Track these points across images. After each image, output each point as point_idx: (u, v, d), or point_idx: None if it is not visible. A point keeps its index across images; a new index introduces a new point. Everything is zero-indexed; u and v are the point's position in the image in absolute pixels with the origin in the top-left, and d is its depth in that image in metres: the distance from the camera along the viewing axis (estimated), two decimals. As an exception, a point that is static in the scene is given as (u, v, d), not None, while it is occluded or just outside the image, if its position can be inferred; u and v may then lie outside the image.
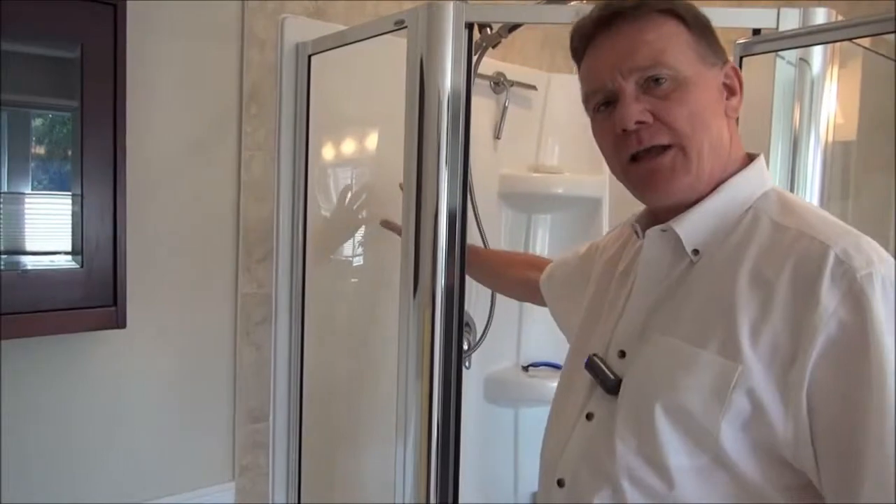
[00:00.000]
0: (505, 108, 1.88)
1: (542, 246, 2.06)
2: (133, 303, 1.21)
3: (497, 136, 1.89)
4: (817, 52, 1.12)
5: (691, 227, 0.79)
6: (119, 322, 1.20)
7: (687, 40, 0.78)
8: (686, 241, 0.80)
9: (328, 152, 1.55)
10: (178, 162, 1.38)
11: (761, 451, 0.71)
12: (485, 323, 1.81)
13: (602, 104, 0.82)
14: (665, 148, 0.77)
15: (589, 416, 0.84)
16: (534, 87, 1.96)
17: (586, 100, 0.86)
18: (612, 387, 0.81)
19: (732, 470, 0.72)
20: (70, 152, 1.19)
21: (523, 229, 2.04)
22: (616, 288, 0.92)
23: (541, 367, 1.99)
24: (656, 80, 0.77)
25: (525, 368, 1.98)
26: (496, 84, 1.87)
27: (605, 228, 1.99)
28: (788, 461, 0.70)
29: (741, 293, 0.73)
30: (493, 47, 1.71)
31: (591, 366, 0.85)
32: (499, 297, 1.87)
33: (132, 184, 1.20)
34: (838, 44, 1.13)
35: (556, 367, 1.99)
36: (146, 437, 1.37)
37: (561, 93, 2.02)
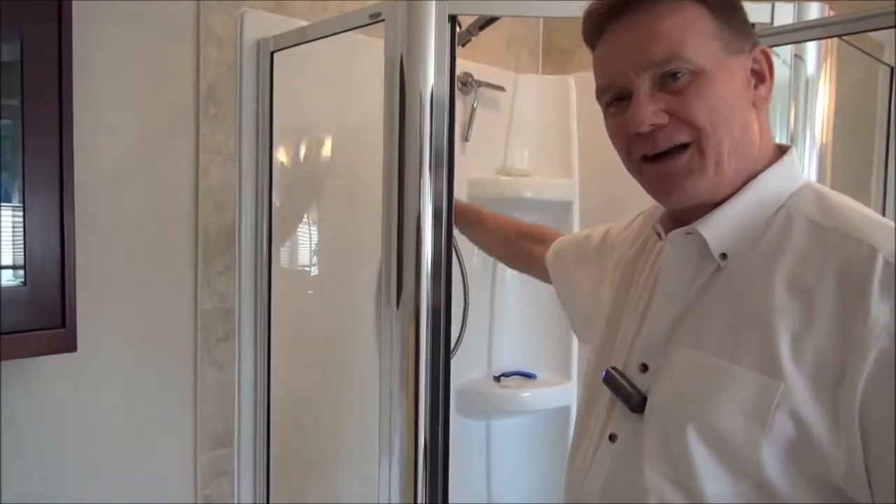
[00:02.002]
0: (473, 110, 1.82)
1: (512, 251, 2.00)
2: (84, 324, 1.10)
3: (465, 139, 1.82)
4: (811, 50, 1.09)
5: (718, 229, 0.73)
6: (68, 345, 1.08)
7: (708, 27, 0.71)
8: (713, 245, 0.74)
9: (294, 156, 1.46)
10: (130, 168, 1.28)
11: (807, 476, 0.65)
12: (458, 332, 1.74)
13: (615, 99, 0.76)
14: (682, 147, 0.71)
15: (612, 438, 0.77)
16: (502, 88, 1.90)
17: (598, 95, 0.79)
18: (636, 405, 0.75)
19: (774, 497, 0.66)
20: (9, 160, 1.07)
21: (493, 234, 1.98)
22: (635, 294, 0.85)
23: (512, 377, 1.93)
24: (673, 75, 0.70)
25: (497, 378, 1.92)
26: (464, 84, 1.80)
27: (577, 231, 1.95)
28: (838, 487, 0.65)
29: (778, 302, 0.67)
30: (463, 45, 1.64)
31: (610, 381, 0.78)
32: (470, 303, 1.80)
33: (80, 193, 1.09)
34: (831, 42, 1.10)
35: (528, 376, 1.94)
36: (98, 468, 1.26)
37: (529, 94, 1.97)
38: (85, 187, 1.14)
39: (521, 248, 1.30)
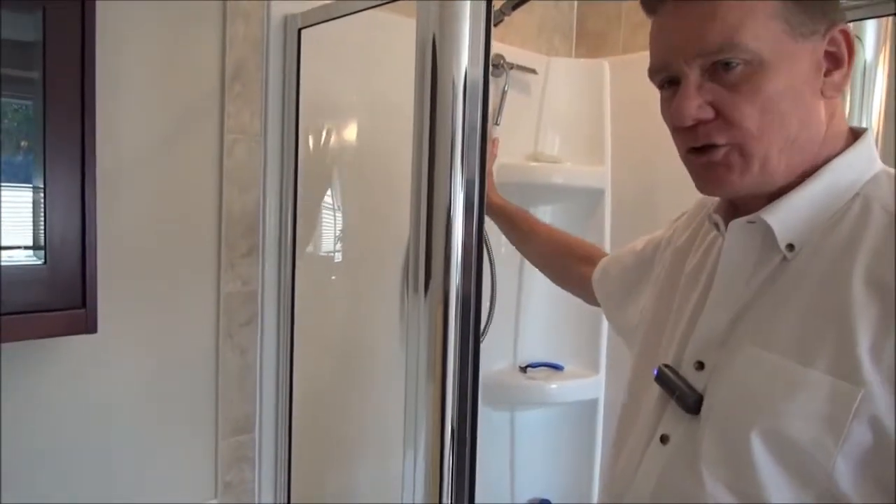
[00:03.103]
0: (504, 93, 1.76)
1: (540, 240, 1.95)
2: (104, 304, 1.07)
3: (496, 123, 1.77)
4: (870, 33, 1.02)
5: (786, 217, 0.68)
6: (89, 326, 1.05)
7: (775, 5, 0.64)
8: (779, 235, 0.68)
9: (320, 137, 1.42)
10: (153, 147, 1.24)
11: (883, 486, 0.60)
12: (485, 321, 1.70)
13: (666, 82, 0.72)
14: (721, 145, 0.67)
15: (664, 439, 0.73)
16: (534, 72, 1.84)
17: (650, 73, 0.75)
18: (692, 405, 0.70)
19: None
20: (30, 138, 1.04)
21: (521, 222, 1.93)
22: (685, 287, 0.80)
23: (539, 368, 1.89)
24: (727, 65, 0.65)
25: (523, 369, 1.88)
26: (495, 66, 1.75)
27: (608, 221, 1.89)
28: None
29: (856, 300, 0.61)
30: (495, 25, 1.59)
31: (662, 379, 0.73)
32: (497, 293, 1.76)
33: (102, 172, 1.06)
34: (888, 26, 1.03)
35: (555, 367, 1.89)
36: (118, 455, 1.23)
37: (561, 78, 1.91)
38: (107, 166, 1.11)
39: (570, 266, 1.22)
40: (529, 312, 1.91)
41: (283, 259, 1.35)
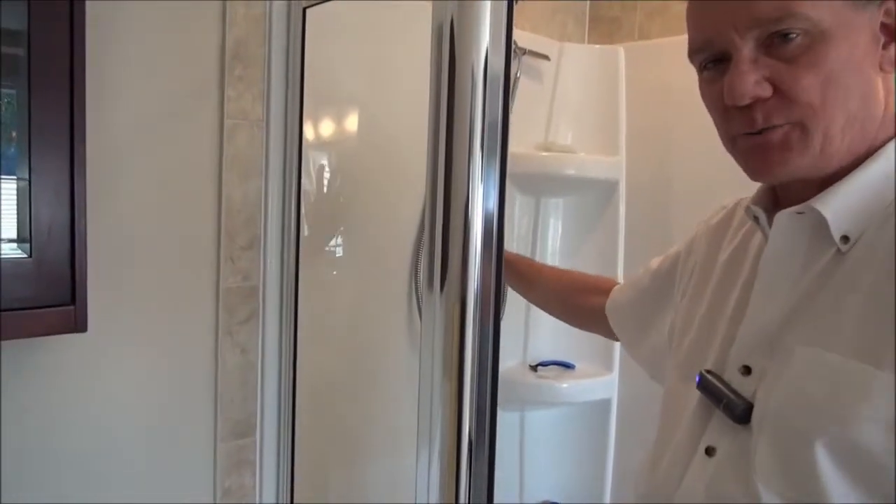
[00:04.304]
0: (516, 79, 1.69)
1: (552, 233, 1.88)
2: (95, 301, 1.00)
3: (507, 111, 1.70)
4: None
5: (840, 207, 0.62)
6: (78, 325, 0.98)
7: None
8: (834, 226, 0.62)
9: (326, 122, 1.35)
10: (148, 132, 1.16)
11: None
12: (494, 319, 1.63)
13: (711, 61, 0.65)
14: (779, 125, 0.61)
15: (710, 451, 0.66)
16: (546, 58, 1.77)
17: (690, 53, 0.67)
18: (740, 414, 0.64)
19: None
20: (14, 123, 0.97)
21: (532, 214, 1.86)
22: (721, 287, 0.74)
23: (550, 367, 1.82)
24: (784, 36, 0.59)
25: (533, 368, 1.81)
26: (507, 52, 1.67)
27: (622, 214, 1.83)
28: None
29: None
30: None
31: (705, 385, 0.67)
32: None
33: (93, 158, 0.98)
34: None
35: (567, 366, 1.83)
36: (110, 460, 1.16)
37: (574, 64, 1.84)
38: (97, 152, 1.03)
39: (582, 301, 1.13)
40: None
41: (287, 252, 1.28)
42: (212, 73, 1.22)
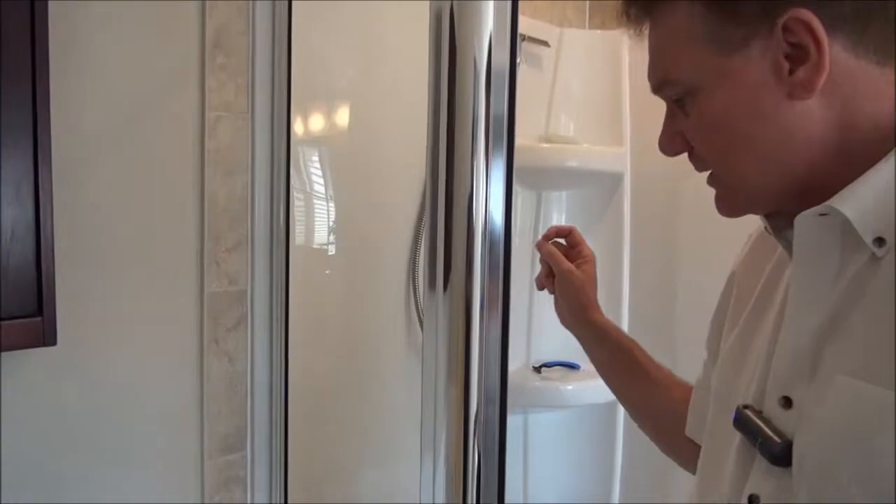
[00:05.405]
0: (517, 66, 1.61)
1: (555, 228, 1.82)
2: (65, 311, 0.92)
3: (506, 100, 1.62)
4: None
5: (865, 204, 0.53)
6: (47, 338, 0.90)
7: (697, 26, 0.57)
8: (860, 227, 0.53)
9: (316, 114, 1.28)
10: (122, 127, 1.09)
11: None
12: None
13: None
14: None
15: (752, 500, 0.58)
16: (546, 44, 1.70)
17: None
18: (778, 454, 0.55)
19: None
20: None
21: (534, 209, 1.80)
22: (758, 308, 0.66)
23: (554, 368, 1.76)
24: (677, 100, 0.62)
25: (537, 369, 1.75)
26: (506, 38, 1.60)
27: (627, 208, 1.77)
28: None
29: None
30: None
31: (743, 423, 0.59)
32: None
33: (60, 154, 0.91)
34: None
35: (572, 367, 1.76)
36: (89, 480, 1.09)
37: (575, 51, 1.78)
38: (66, 147, 0.96)
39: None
40: (543, 307, 1.78)
41: (276, 253, 1.21)
42: (191, 62, 1.15)
